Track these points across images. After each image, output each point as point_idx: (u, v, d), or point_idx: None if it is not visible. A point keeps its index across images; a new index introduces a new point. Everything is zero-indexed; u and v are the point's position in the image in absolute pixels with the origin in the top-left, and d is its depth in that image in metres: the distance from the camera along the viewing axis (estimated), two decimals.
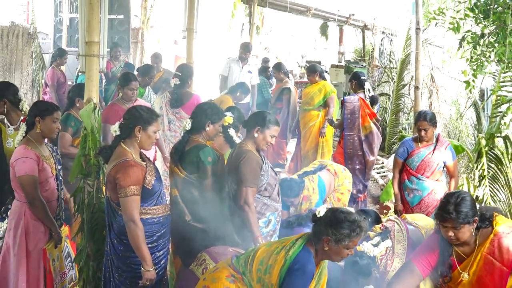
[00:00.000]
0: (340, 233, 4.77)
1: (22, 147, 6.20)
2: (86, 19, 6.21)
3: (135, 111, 5.76)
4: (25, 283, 6.24)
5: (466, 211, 4.84)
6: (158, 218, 5.73)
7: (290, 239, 4.97)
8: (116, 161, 5.55)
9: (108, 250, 5.87)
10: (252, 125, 6.47)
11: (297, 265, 4.78)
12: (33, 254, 6.28)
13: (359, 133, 10.51)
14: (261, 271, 4.88)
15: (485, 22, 10.18)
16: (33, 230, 6.27)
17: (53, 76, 13.70)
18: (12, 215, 6.36)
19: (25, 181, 6.12)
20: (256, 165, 6.34)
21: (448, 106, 15.35)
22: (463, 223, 4.84)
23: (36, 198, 6.16)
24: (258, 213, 6.41)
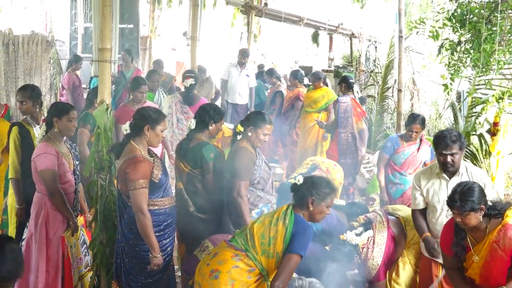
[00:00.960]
0: (322, 191, 5.09)
1: (43, 144, 6.23)
2: (99, 28, 6.23)
3: (144, 112, 5.80)
4: (45, 267, 6.25)
5: (471, 200, 4.85)
6: (164, 209, 5.76)
7: (279, 211, 5.11)
8: (126, 157, 5.57)
9: (119, 238, 5.89)
10: (247, 124, 6.47)
11: (299, 230, 4.96)
12: (53, 241, 6.28)
13: (353, 130, 10.50)
14: (265, 244, 4.96)
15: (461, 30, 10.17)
16: (52, 219, 6.28)
17: (69, 80, 13.72)
18: (34, 205, 6.37)
19: (46, 175, 6.14)
20: (249, 160, 6.35)
21: (428, 107, 15.38)
22: (468, 211, 4.86)
23: (56, 190, 6.18)
24: (252, 204, 6.41)
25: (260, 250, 4.96)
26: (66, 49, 20.04)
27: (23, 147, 6.78)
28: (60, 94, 14.24)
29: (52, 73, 15.09)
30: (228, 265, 4.96)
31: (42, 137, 6.37)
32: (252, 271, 4.97)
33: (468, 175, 5.93)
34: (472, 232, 5.06)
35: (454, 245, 5.14)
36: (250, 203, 6.38)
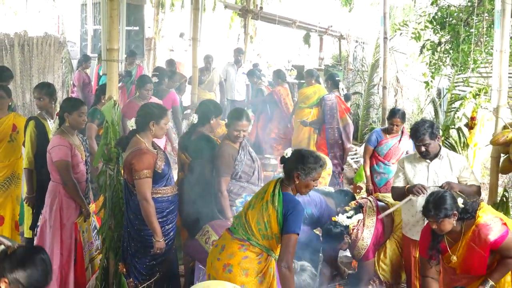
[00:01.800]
0: (308, 166, 4.85)
1: (57, 137, 6.25)
2: (107, 30, 6.22)
3: (148, 109, 5.84)
4: (59, 250, 6.28)
5: (444, 208, 4.88)
6: (167, 197, 5.79)
7: (268, 191, 4.94)
8: (132, 149, 5.61)
9: (126, 223, 5.93)
10: (230, 122, 6.43)
11: (289, 210, 4.80)
12: (67, 226, 6.31)
13: (338, 125, 10.52)
14: (262, 230, 4.88)
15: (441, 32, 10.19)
16: (66, 206, 6.31)
17: (79, 78, 13.69)
18: (48, 193, 6.39)
19: (60, 165, 6.17)
20: (228, 156, 6.28)
21: (410, 102, 15.36)
22: (442, 218, 4.88)
23: (69, 179, 6.20)
24: (235, 194, 6.36)
25: (260, 236, 4.89)
26: (77, 50, 20.00)
27: (39, 140, 6.79)
28: (71, 91, 14.23)
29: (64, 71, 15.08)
30: (238, 257, 4.91)
31: (56, 130, 6.38)
32: (261, 256, 4.93)
33: (450, 158, 6.03)
34: (448, 234, 5.08)
35: (431, 248, 5.15)
36: (234, 193, 6.33)
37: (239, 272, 4.87)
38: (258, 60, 20.40)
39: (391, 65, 14.16)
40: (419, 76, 11.99)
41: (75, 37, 20.82)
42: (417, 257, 6.06)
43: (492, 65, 7.58)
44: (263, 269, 4.95)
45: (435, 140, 5.93)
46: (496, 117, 7.08)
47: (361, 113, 16.17)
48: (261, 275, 4.94)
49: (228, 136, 6.39)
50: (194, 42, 10.15)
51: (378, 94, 15.24)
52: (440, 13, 10.35)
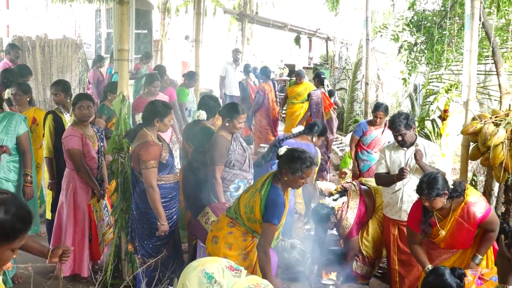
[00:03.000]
0: (294, 167, 4.81)
1: (70, 128, 6.30)
2: (118, 33, 6.22)
3: (154, 107, 5.79)
4: (73, 228, 6.32)
5: (436, 187, 4.86)
6: (170, 184, 5.78)
7: (261, 180, 5.00)
8: (139, 141, 5.58)
9: (133, 207, 5.92)
10: (223, 115, 6.35)
11: (270, 202, 4.80)
12: (80, 207, 6.33)
13: (322, 118, 10.56)
14: (248, 212, 4.91)
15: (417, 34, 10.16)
16: (80, 190, 6.32)
17: (94, 76, 13.65)
18: (64, 179, 6.41)
19: (72, 153, 6.17)
20: (222, 146, 6.20)
21: (390, 97, 15.37)
22: (434, 197, 4.87)
23: (81, 166, 6.21)
24: (229, 180, 6.27)
25: (245, 218, 4.92)
26: (92, 50, 20.01)
27: (57, 131, 6.76)
28: (87, 87, 14.21)
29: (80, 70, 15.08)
30: (224, 231, 4.98)
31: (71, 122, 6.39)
32: (246, 235, 4.95)
33: (424, 146, 6.05)
34: (438, 211, 5.07)
35: (422, 223, 5.12)
36: (228, 180, 6.25)
37: (223, 245, 4.94)
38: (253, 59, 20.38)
39: (372, 63, 14.16)
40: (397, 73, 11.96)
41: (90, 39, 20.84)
42: (396, 234, 6.07)
43: (462, 63, 7.56)
44: (247, 247, 4.98)
45: (410, 130, 5.97)
46: (466, 109, 7.08)
47: (346, 106, 16.18)
48: (245, 252, 4.98)
49: (224, 128, 6.32)
50: (196, 43, 10.13)
51: (361, 89, 15.25)
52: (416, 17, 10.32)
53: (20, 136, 6.18)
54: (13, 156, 6.17)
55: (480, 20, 7.22)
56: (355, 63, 16.17)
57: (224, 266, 3.96)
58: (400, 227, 6.03)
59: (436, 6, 10.43)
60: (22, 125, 6.20)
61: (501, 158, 5.87)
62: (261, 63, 19.36)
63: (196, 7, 10.32)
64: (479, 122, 6.08)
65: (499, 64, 7.33)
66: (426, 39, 10.10)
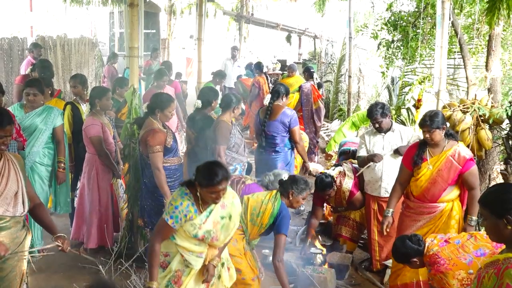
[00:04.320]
0: (300, 187, 5.00)
1: (90, 118, 6.25)
2: (130, 32, 6.22)
3: (156, 99, 5.77)
4: (98, 207, 6.36)
5: (437, 120, 4.95)
6: (174, 166, 5.77)
7: (270, 194, 5.06)
8: (146, 128, 5.56)
9: (142, 187, 5.93)
10: (224, 105, 6.37)
11: (283, 212, 4.91)
12: (102, 187, 6.36)
13: (311, 108, 10.54)
14: (254, 214, 4.93)
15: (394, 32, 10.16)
16: (101, 172, 6.34)
17: (108, 71, 13.60)
18: (85, 163, 6.40)
19: (94, 140, 6.16)
20: (226, 130, 6.21)
21: (370, 88, 15.33)
22: (434, 128, 4.95)
23: (102, 151, 6.21)
24: (227, 163, 6.26)
25: (249, 217, 4.95)
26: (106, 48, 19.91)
27: (75, 120, 6.76)
28: (102, 81, 14.15)
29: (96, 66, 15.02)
30: None
31: (89, 113, 6.37)
32: (238, 228, 4.83)
33: (400, 131, 6.08)
34: (432, 147, 5.11)
35: (415, 156, 5.16)
36: (227, 162, 6.25)
37: None
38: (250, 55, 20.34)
39: (355, 59, 14.15)
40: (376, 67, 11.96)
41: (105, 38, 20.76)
42: (375, 209, 6.07)
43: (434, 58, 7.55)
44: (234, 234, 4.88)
45: (386, 118, 5.97)
46: (437, 99, 7.09)
47: (331, 97, 16.17)
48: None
49: (224, 115, 6.32)
50: (199, 41, 10.05)
51: (345, 82, 15.21)
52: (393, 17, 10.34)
53: (56, 128, 6.20)
54: (49, 144, 6.19)
55: (449, 19, 7.22)
56: (339, 59, 16.14)
57: None
58: (380, 203, 6.03)
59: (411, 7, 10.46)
60: (59, 118, 6.24)
61: (468, 141, 5.89)
62: (256, 58, 19.31)
63: (198, 9, 10.25)
64: (449, 110, 6.07)
65: (466, 58, 7.33)
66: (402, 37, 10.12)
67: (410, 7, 10.50)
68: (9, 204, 3.59)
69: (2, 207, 3.54)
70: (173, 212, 3.84)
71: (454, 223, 5.12)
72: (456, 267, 4.02)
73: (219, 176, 3.73)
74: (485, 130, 5.88)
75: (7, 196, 3.57)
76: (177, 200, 3.90)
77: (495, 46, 6.74)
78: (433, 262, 4.14)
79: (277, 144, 6.86)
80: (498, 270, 2.62)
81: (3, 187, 3.55)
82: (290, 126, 6.83)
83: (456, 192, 5.14)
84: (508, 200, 2.68)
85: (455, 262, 4.05)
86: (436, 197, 5.09)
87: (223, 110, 6.38)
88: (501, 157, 6.41)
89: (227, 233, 4.07)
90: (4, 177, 3.57)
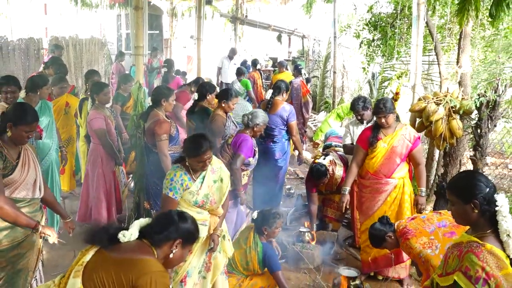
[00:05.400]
0: (270, 222, 4.87)
1: (94, 111, 6.22)
2: (135, 33, 6.21)
3: (159, 90, 5.82)
4: (103, 190, 6.37)
5: (389, 106, 5.08)
6: (177, 153, 5.74)
7: (249, 239, 4.91)
8: (153, 119, 5.56)
9: (147, 173, 5.94)
10: (221, 98, 6.31)
11: (268, 253, 4.81)
12: (106, 173, 6.37)
13: (301, 101, 10.55)
14: (244, 265, 4.87)
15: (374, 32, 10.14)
16: (105, 160, 6.34)
17: (116, 68, 13.57)
18: (90, 152, 6.42)
19: (99, 132, 6.15)
20: (220, 123, 6.19)
21: (353, 83, 15.33)
22: (388, 113, 5.08)
23: (106, 141, 6.20)
24: None
25: (241, 268, 4.88)
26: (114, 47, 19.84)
27: None
28: (111, 77, 14.11)
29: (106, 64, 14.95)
30: None
31: (91, 107, 6.34)
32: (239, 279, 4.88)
33: None
34: (385, 129, 5.21)
35: (371, 137, 5.23)
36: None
37: None
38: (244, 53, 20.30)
39: (339, 56, 14.13)
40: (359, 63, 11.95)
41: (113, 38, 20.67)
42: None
43: (410, 55, 7.55)
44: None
45: (367, 110, 6.07)
46: (413, 92, 7.10)
47: (318, 91, 16.18)
48: None
49: (220, 108, 6.28)
50: (198, 41, 10.08)
51: (330, 77, 15.21)
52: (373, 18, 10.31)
53: None
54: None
55: (424, 20, 7.21)
56: (325, 56, 16.13)
57: None
58: None
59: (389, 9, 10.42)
60: None
61: (440, 130, 5.89)
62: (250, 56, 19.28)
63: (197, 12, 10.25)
64: (424, 102, 6.08)
65: (439, 55, 7.33)
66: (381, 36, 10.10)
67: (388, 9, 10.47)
68: (29, 189, 3.62)
69: (24, 192, 3.58)
70: (170, 185, 3.95)
71: (407, 197, 5.26)
72: (420, 234, 4.11)
73: (203, 147, 3.90)
74: (456, 120, 5.88)
75: (27, 182, 3.60)
76: (171, 173, 4.03)
77: (465, 44, 6.74)
78: (403, 233, 4.21)
79: (275, 136, 6.84)
80: (460, 252, 2.62)
81: (25, 174, 3.58)
82: (288, 120, 6.83)
83: (405, 169, 5.28)
84: (474, 186, 2.65)
85: (420, 231, 4.14)
86: (391, 172, 5.20)
87: (218, 103, 6.36)
88: (470, 144, 6.43)
89: (222, 194, 4.19)
90: (26, 165, 3.60)
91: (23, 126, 3.48)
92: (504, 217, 2.59)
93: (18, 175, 3.52)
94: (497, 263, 2.49)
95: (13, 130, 3.49)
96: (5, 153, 3.50)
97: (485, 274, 2.46)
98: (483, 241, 2.58)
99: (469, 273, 2.49)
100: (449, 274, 2.63)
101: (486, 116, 5.50)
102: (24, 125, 3.48)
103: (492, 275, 2.46)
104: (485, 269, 2.46)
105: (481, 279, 2.46)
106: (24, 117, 3.49)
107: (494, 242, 2.58)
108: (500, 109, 5.51)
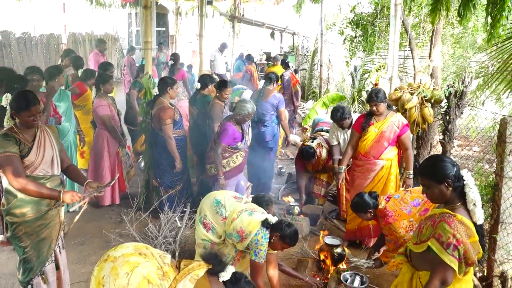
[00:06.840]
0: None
1: (98, 99, 6.22)
2: (144, 29, 6.16)
3: (165, 80, 5.86)
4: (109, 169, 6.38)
5: (380, 95, 5.06)
6: (181, 136, 5.84)
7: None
8: (158, 106, 5.60)
9: (155, 155, 5.94)
10: (218, 88, 6.27)
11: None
12: (111, 153, 6.38)
13: (291, 91, 10.52)
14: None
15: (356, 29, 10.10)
16: (110, 142, 6.35)
17: (128, 61, 13.41)
18: (96, 136, 6.40)
19: (105, 118, 6.16)
20: (219, 109, 6.15)
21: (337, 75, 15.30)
22: (379, 102, 5.06)
23: (111, 126, 6.22)
24: None
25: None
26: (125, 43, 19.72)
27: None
28: (123, 69, 14.02)
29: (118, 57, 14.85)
30: None
31: (96, 95, 6.33)
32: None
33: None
34: (377, 116, 5.19)
35: (363, 123, 5.23)
36: None
37: None
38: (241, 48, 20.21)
39: (325, 51, 14.09)
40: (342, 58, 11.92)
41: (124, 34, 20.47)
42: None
43: (388, 50, 7.53)
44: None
45: (345, 120, 6.01)
46: (390, 83, 7.09)
47: (306, 82, 16.13)
48: None
49: (218, 97, 6.26)
50: (200, 37, 9.96)
51: (317, 69, 15.15)
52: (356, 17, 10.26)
53: None
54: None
55: (400, 19, 7.18)
56: (313, 51, 16.05)
57: (230, 196, 4.10)
58: None
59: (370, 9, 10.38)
60: None
61: (414, 117, 5.90)
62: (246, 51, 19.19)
63: (199, 11, 10.14)
64: (399, 92, 6.08)
65: (413, 51, 7.32)
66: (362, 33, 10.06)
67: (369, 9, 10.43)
68: (48, 167, 3.60)
69: (44, 169, 3.56)
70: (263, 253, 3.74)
71: (393, 178, 5.26)
72: (400, 218, 4.11)
73: (296, 239, 3.85)
74: (428, 108, 5.89)
75: (46, 161, 3.57)
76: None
77: (436, 40, 6.73)
78: (383, 214, 4.21)
79: (266, 120, 6.84)
80: (434, 222, 2.65)
81: (42, 154, 3.55)
82: (278, 107, 6.84)
83: (394, 152, 5.25)
84: (444, 167, 2.67)
85: (399, 213, 4.13)
86: (379, 154, 5.19)
87: (217, 92, 6.35)
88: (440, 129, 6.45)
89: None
90: (42, 146, 3.56)
91: (24, 112, 3.42)
92: (470, 188, 2.63)
93: (34, 156, 3.49)
94: (466, 231, 2.53)
95: (18, 117, 3.47)
96: (20, 137, 3.47)
97: (455, 241, 2.50)
98: (454, 212, 2.62)
99: (441, 239, 2.53)
100: (423, 242, 2.67)
101: (454, 104, 5.51)
102: (24, 111, 3.42)
103: (461, 241, 2.50)
104: (456, 236, 2.50)
105: (452, 245, 2.49)
106: (22, 104, 3.42)
107: (463, 212, 2.62)
108: (466, 98, 5.52)
